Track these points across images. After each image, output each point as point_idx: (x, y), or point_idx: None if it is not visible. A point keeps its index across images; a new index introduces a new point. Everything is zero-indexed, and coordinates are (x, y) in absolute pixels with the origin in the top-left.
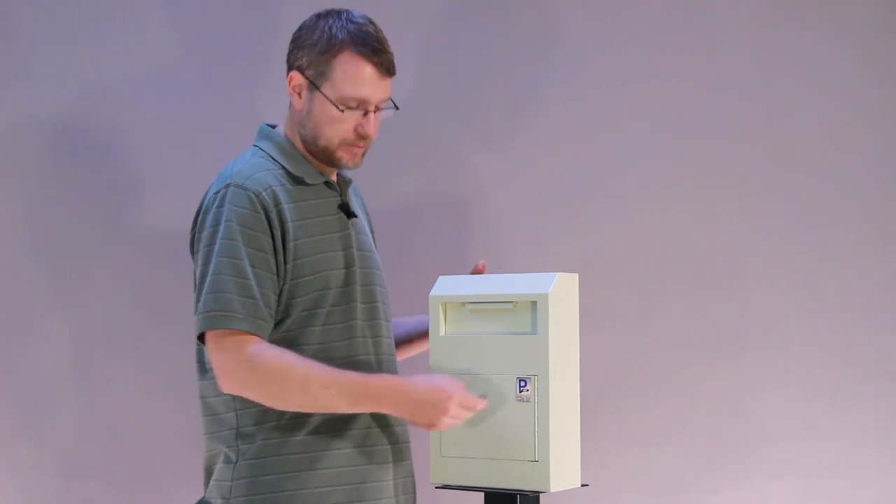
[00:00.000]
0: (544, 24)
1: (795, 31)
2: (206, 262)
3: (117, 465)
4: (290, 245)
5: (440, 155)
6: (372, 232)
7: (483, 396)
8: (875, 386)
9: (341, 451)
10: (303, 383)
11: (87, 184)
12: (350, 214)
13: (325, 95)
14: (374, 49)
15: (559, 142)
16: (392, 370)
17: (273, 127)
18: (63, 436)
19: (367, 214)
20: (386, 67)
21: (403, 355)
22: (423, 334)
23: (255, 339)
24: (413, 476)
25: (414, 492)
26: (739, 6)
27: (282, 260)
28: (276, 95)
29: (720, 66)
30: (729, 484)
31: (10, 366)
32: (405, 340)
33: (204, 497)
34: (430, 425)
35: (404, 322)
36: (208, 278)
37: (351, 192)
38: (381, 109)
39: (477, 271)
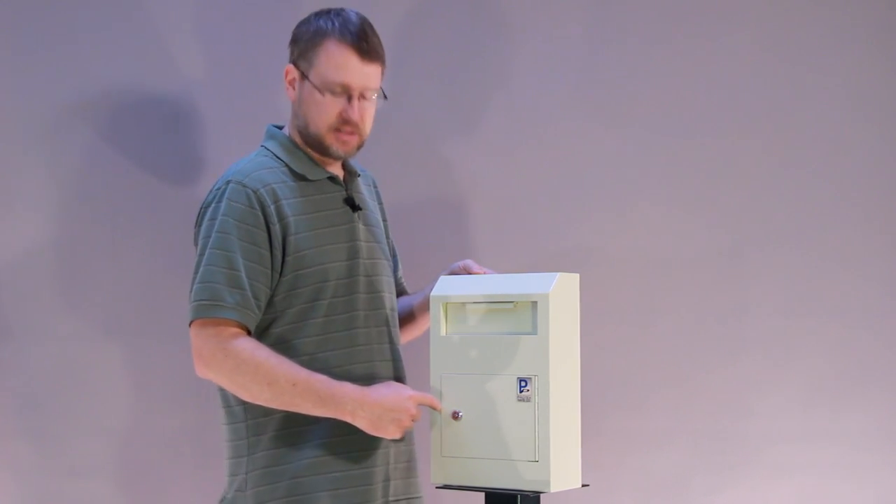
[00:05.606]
0: (544, 24)
1: (796, 30)
2: (201, 254)
3: (117, 465)
4: (291, 239)
5: (440, 155)
6: (385, 221)
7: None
8: (876, 386)
9: (353, 436)
10: (272, 377)
11: (86, 183)
12: (355, 207)
13: (311, 83)
14: (357, 35)
15: (560, 142)
16: (395, 357)
17: (280, 128)
18: (63, 435)
19: (380, 204)
20: (368, 52)
21: (407, 337)
22: (409, 314)
23: (236, 329)
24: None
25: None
26: (740, 6)
27: (279, 255)
28: (285, 97)
29: (720, 66)
30: (729, 484)
31: (11, 366)
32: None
33: (225, 495)
34: (392, 431)
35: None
36: (201, 269)
37: (361, 182)
38: (367, 98)
39: (467, 271)
